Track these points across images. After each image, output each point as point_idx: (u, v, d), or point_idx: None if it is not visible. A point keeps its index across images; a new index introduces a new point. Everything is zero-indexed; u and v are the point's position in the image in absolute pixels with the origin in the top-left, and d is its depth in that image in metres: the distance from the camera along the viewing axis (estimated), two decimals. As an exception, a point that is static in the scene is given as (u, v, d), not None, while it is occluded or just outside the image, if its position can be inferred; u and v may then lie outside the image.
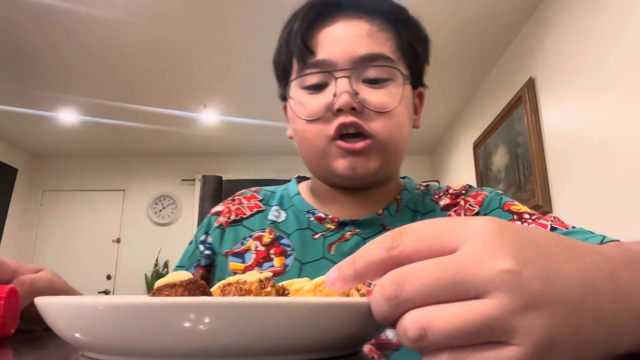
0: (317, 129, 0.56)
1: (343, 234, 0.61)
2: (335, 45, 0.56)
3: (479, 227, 0.21)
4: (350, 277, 0.24)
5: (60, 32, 2.74)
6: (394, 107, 0.56)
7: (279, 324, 0.23)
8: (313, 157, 0.59)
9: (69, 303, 0.24)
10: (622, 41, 1.82)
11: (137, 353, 0.23)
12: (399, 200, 0.64)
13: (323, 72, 0.57)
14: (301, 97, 0.58)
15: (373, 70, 0.56)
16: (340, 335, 0.25)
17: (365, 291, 0.32)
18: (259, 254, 0.61)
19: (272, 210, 0.66)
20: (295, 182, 0.71)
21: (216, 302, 0.22)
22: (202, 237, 0.67)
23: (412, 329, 0.20)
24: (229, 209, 0.68)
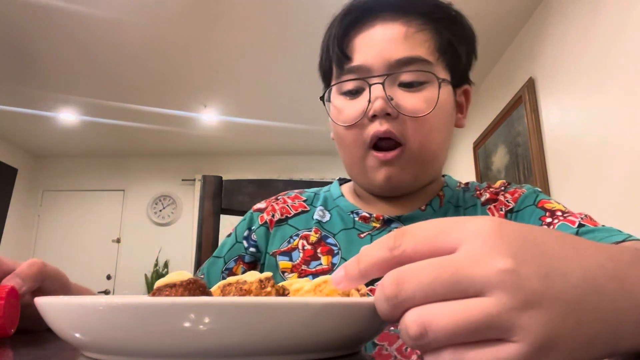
0: (353, 135, 0.57)
1: (389, 230, 0.61)
2: (371, 50, 0.57)
3: (478, 227, 0.22)
4: (355, 276, 0.25)
5: (60, 32, 2.74)
6: (429, 112, 0.55)
7: (279, 324, 0.23)
8: (352, 164, 0.61)
9: (69, 303, 0.24)
10: (622, 41, 1.82)
11: (137, 353, 0.23)
12: (441, 197, 0.64)
13: (358, 79, 0.57)
14: (339, 103, 0.60)
15: (407, 75, 0.56)
16: (341, 335, 0.25)
17: (365, 291, 0.32)
18: (306, 252, 0.62)
19: (317, 211, 0.67)
20: (337, 184, 0.71)
21: (216, 302, 0.22)
22: (246, 233, 0.67)
23: (412, 327, 0.20)
24: (272, 207, 0.68)
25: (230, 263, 0.66)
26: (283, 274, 0.61)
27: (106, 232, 4.84)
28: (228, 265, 0.65)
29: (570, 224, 0.54)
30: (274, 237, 0.65)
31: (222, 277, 0.65)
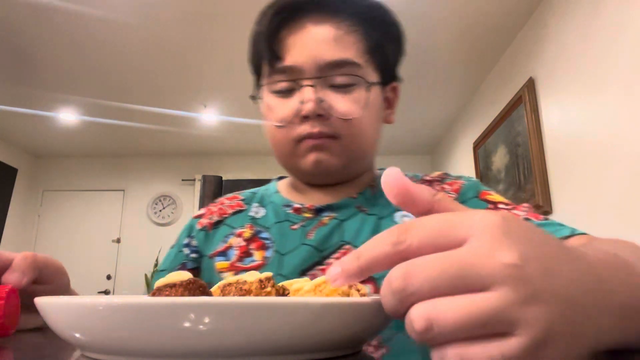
0: (284, 134, 0.59)
1: (320, 219, 0.63)
2: (302, 50, 0.58)
3: (484, 222, 0.22)
4: (354, 272, 0.24)
5: (60, 32, 2.74)
6: (359, 114, 0.58)
7: (279, 324, 0.23)
8: (283, 157, 0.62)
9: (69, 303, 0.24)
10: (622, 41, 1.82)
11: (137, 353, 0.23)
12: (373, 187, 0.66)
13: (290, 81, 0.59)
14: (271, 101, 0.61)
15: (338, 77, 0.58)
16: (341, 335, 0.25)
17: (365, 291, 0.32)
18: (241, 249, 0.63)
19: (252, 208, 0.69)
20: (275, 182, 0.74)
21: (216, 302, 0.22)
22: (186, 241, 0.68)
23: (419, 321, 0.20)
24: (210, 210, 0.70)
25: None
26: (220, 274, 0.62)
27: (106, 232, 4.83)
28: None
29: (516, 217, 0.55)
30: (213, 239, 0.66)
31: None
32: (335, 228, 0.62)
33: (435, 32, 2.74)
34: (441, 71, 3.22)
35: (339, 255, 0.59)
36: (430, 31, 2.73)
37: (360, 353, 0.29)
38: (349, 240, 0.60)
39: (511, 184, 2.81)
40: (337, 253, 0.59)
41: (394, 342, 0.37)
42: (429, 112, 3.92)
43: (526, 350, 0.20)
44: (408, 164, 4.99)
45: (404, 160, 4.99)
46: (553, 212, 2.36)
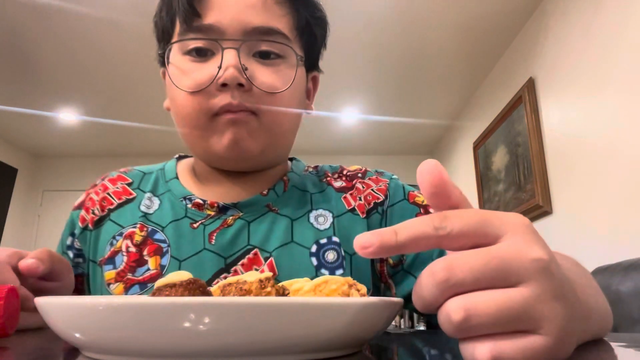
0: (198, 102, 0.50)
1: (225, 219, 0.55)
2: (226, 11, 0.50)
3: (517, 222, 0.24)
4: (391, 245, 0.24)
5: (60, 32, 2.74)
6: (285, 89, 0.52)
7: (279, 324, 0.23)
8: (192, 133, 0.53)
9: (69, 303, 0.24)
10: (622, 41, 1.82)
11: (137, 353, 0.23)
12: (286, 182, 0.60)
13: (209, 40, 0.51)
14: (182, 64, 0.52)
15: (266, 44, 0.51)
16: (341, 335, 0.25)
17: (365, 291, 0.32)
18: (131, 256, 0.54)
19: (144, 199, 0.59)
20: (174, 162, 0.64)
21: (216, 302, 0.22)
22: (69, 241, 0.59)
23: (457, 312, 0.21)
24: (91, 199, 0.60)
25: None
26: (108, 285, 0.53)
27: (106, 232, 4.83)
28: None
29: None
30: (98, 241, 0.57)
31: None
32: (241, 230, 0.54)
33: (435, 32, 2.74)
34: (441, 71, 3.22)
35: (246, 261, 0.52)
36: (430, 31, 2.73)
37: (360, 353, 0.29)
38: (257, 244, 0.53)
39: (511, 184, 2.81)
40: (245, 259, 0.52)
41: (394, 342, 0.37)
42: (429, 112, 3.92)
43: (551, 349, 0.21)
44: (408, 164, 4.99)
45: (404, 160, 4.99)
46: (553, 212, 2.36)
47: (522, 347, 0.21)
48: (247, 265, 0.52)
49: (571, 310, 0.22)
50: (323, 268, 0.53)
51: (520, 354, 0.21)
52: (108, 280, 0.53)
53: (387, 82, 3.37)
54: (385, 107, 3.79)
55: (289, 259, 0.53)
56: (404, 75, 3.26)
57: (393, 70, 3.19)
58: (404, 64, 3.11)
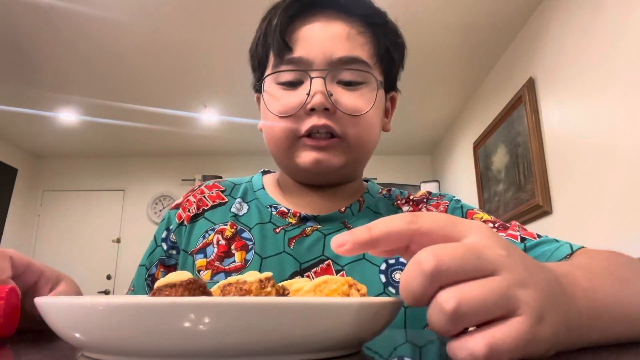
0: (287, 125, 0.56)
1: (304, 229, 0.61)
2: (313, 44, 0.56)
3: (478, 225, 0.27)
4: (364, 241, 0.26)
5: (60, 32, 2.74)
6: (366, 111, 0.56)
7: (279, 324, 0.23)
8: (279, 152, 0.59)
9: (69, 303, 0.24)
10: (622, 41, 1.82)
11: (137, 353, 0.23)
12: (361, 202, 0.65)
13: (299, 71, 0.56)
14: (275, 92, 0.58)
15: (348, 73, 0.56)
16: (341, 335, 0.25)
17: (365, 291, 0.32)
18: (220, 247, 0.60)
19: (235, 203, 0.66)
20: (260, 175, 0.71)
21: (216, 302, 0.22)
22: (164, 235, 0.65)
23: (449, 301, 0.23)
24: (189, 201, 0.67)
25: (152, 269, 0.64)
26: (199, 272, 0.59)
27: (106, 232, 4.83)
28: (150, 271, 0.64)
29: (513, 239, 0.56)
30: (191, 234, 0.63)
31: (145, 284, 0.63)
32: (317, 241, 0.59)
33: (435, 32, 2.74)
34: (441, 71, 3.22)
35: (319, 269, 0.57)
36: (430, 31, 2.73)
37: (360, 353, 0.29)
38: (331, 256, 0.58)
39: (511, 184, 2.81)
40: (318, 267, 0.57)
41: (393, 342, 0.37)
42: (429, 112, 3.92)
43: (532, 325, 0.23)
44: (408, 164, 4.99)
45: (404, 161, 4.99)
46: (553, 212, 2.36)
47: (509, 330, 0.23)
48: (319, 273, 0.57)
49: (545, 295, 0.24)
50: (390, 286, 0.56)
51: (509, 337, 0.23)
52: (199, 267, 0.59)
53: (387, 82, 3.36)
54: (385, 107, 3.78)
55: (359, 274, 0.56)
56: (404, 76, 3.26)
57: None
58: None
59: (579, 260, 0.39)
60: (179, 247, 0.64)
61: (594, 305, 0.29)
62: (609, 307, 0.30)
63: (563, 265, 0.33)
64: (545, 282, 0.26)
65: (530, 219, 2.57)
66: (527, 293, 0.24)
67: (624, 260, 0.39)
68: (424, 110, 3.89)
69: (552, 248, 0.52)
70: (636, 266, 0.38)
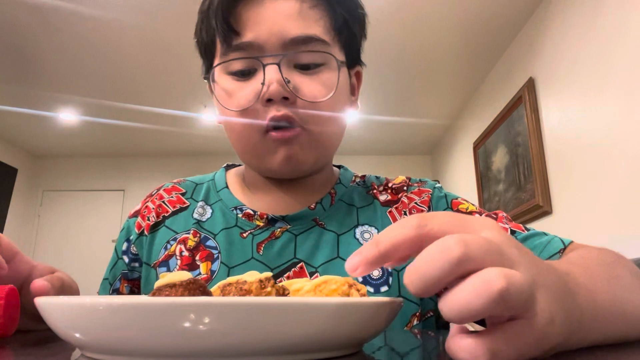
0: (246, 121, 0.52)
1: (273, 231, 0.56)
2: (262, 25, 0.51)
3: (489, 222, 0.26)
4: (375, 259, 0.25)
5: (60, 33, 2.74)
6: (329, 96, 0.52)
7: (279, 324, 0.23)
8: (245, 150, 0.55)
9: (69, 303, 0.24)
10: (622, 41, 1.82)
11: (137, 353, 0.23)
12: (333, 195, 0.60)
13: (250, 58, 0.51)
14: (227, 85, 0.53)
15: (305, 55, 0.51)
16: (341, 335, 0.25)
17: (364, 291, 0.32)
18: (184, 260, 0.56)
19: (197, 207, 0.61)
20: (223, 171, 0.66)
21: (216, 302, 0.22)
22: (124, 246, 0.61)
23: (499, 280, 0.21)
24: (147, 208, 0.62)
25: (115, 283, 0.60)
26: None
27: (106, 232, 4.83)
28: (114, 286, 0.60)
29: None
30: (152, 245, 0.59)
31: None
32: (288, 243, 0.55)
33: (435, 32, 2.74)
34: (441, 71, 3.22)
35: (292, 274, 0.53)
36: (430, 31, 2.73)
37: (360, 353, 0.29)
38: (303, 258, 0.55)
39: (511, 184, 2.81)
40: (290, 271, 0.54)
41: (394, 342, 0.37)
42: (429, 112, 3.92)
43: (544, 326, 0.23)
44: (408, 164, 4.99)
45: (404, 160, 4.99)
46: (553, 212, 2.36)
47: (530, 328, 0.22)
48: (292, 277, 0.54)
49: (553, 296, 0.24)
50: (368, 285, 0.53)
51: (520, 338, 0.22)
52: None
53: (387, 82, 3.36)
54: (385, 107, 3.79)
55: (334, 274, 0.54)
56: (404, 76, 3.26)
57: (393, 70, 3.19)
58: (403, 64, 3.11)
59: (575, 258, 0.39)
60: (141, 260, 0.60)
61: (593, 306, 0.28)
62: (607, 307, 0.30)
63: (563, 263, 0.33)
64: (553, 282, 0.25)
65: (530, 219, 2.57)
66: (540, 293, 0.23)
67: (614, 257, 0.39)
68: (424, 110, 3.89)
69: (543, 242, 0.51)
70: (625, 263, 0.38)
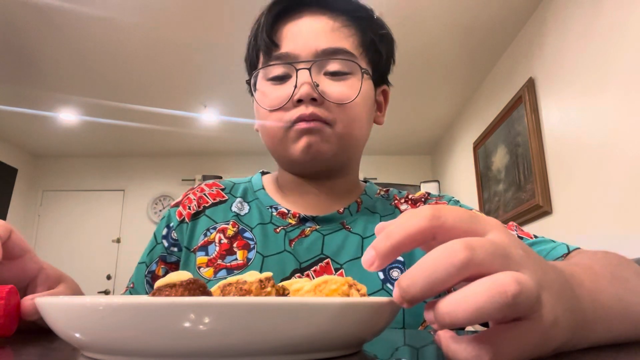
0: (277, 117, 0.58)
1: (303, 229, 0.62)
2: (299, 39, 0.58)
3: (497, 223, 0.27)
4: (388, 252, 0.25)
5: (60, 32, 2.74)
6: (353, 98, 0.58)
7: (279, 324, 0.23)
8: (274, 145, 0.61)
9: (69, 303, 0.24)
10: (622, 41, 1.82)
11: (137, 353, 0.23)
12: (359, 203, 0.66)
13: (285, 64, 0.58)
14: (265, 88, 0.60)
15: (334, 63, 0.58)
16: (341, 335, 0.25)
17: (365, 291, 0.32)
18: (222, 246, 0.61)
19: (235, 202, 0.67)
20: (259, 176, 0.72)
21: (216, 302, 0.22)
22: (164, 232, 0.66)
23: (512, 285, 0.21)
24: (189, 199, 0.68)
25: (152, 265, 0.65)
26: (199, 269, 0.60)
27: (106, 232, 4.83)
28: (150, 268, 0.65)
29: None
30: (194, 232, 0.64)
31: (145, 280, 0.64)
32: (316, 241, 0.61)
33: (435, 32, 2.74)
34: (441, 71, 3.22)
35: (319, 268, 0.58)
36: (430, 31, 2.73)
37: (360, 353, 0.29)
38: (330, 255, 0.60)
39: (511, 184, 2.81)
40: (317, 266, 0.58)
41: (394, 342, 0.37)
42: (429, 112, 3.92)
43: (548, 328, 0.23)
44: (408, 164, 4.99)
45: (404, 161, 4.99)
46: (553, 212, 2.36)
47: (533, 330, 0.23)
48: (318, 271, 0.58)
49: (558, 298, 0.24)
50: (388, 282, 0.57)
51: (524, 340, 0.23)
52: (199, 264, 0.61)
53: (387, 82, 3.36)
54: (385, 107, 3.78)
55: (358, 272, 0.58)
56: (403, 75, 3.26)
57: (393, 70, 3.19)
58: (403, 64, 3.11)
59: (579, 260, 0.39)
60: (181, 245, 0.65)
61: (597, 307, 0.29)
62: (611, 308, 0.30)
63: (567, 265, 0.33)
64: (558, 284, 0.25)
65: (530, 219, 2.57)
66: (544, 295, 0.24)
67: (620, 260, 0.39)
68: (424, 110, 3.89)
69: (547, 248, 0.53)
70: (631, 265, 0.39)
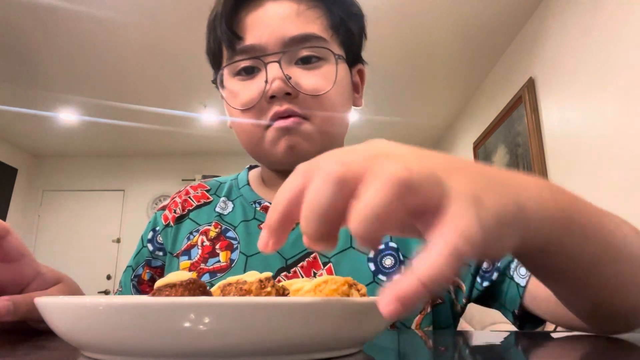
0: (251, 116, 0.55)
1: None
2: (263, 28, 0.54)
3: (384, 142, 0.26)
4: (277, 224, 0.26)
5: (60, 32, 2.74)
6: (329, 89, 0.54)
7: (279, 324, 0.23)
8: (252, 146, 0.58)
9: (69, 303, 0.24)
10: (622, 41, 1.82)
11: (137, 353, 0.23)
12: None
13: (252, 58, 0.54)
14: (233, 86, 0.57)
15: (304, 50, 0.54)
16: (341, 335, 0.25)
17: (365, 291, 0.32)
18: (205, 249, 0.59)
19: (219, 202, 0.64)
20: (246, 171, 0.69)
21: (216, 302, 0.22)
22: (150, 235, 0.65)
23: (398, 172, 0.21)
24: (175, 202, 0.66)
25: (138, 269, 0.64)
26: None
27: (106, 232, 4.83)
28: (136, 272, 0.63)
29: None
30: (177, 236, 0.63)
31: (132, 285, 0.63)
32: (301, 235, 0.57)
33: (435, 31, 2.74)
34: (441, 71, 3.21)
35: (306, 264, 0.55)
36: (430, 31, 2.73)
37: (360, 353, 0.29)
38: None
39: (511, 184, 2.81)
40: (304, 261, 0.55)
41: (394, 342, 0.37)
42: (429, 112, 3.92)
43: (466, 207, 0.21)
44: (408, 164, 4.99)
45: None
46: (553, 212, 2.36)
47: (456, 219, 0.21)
48: (306, 267, 0.55)
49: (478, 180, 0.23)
50: (380, 274, 0.54)
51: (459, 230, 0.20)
52: (182, 269, 0.58)
53: (387, 82, 3.36)
54: (385, 107, 3.79)
55: (347, 265, 0.55)
56: (403, 75, 3.26)
57: (393, 70, 3.19)
58: (403, 63, 3.11)
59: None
60: (166, 249, 0.63)
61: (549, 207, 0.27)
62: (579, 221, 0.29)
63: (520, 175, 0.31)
64: (474, 170, 0.24)
65: (530, 219, 2.57)
66: (453, 178, 0.22)
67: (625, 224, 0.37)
68: (424, 110, 3.89)
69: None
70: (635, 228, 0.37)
